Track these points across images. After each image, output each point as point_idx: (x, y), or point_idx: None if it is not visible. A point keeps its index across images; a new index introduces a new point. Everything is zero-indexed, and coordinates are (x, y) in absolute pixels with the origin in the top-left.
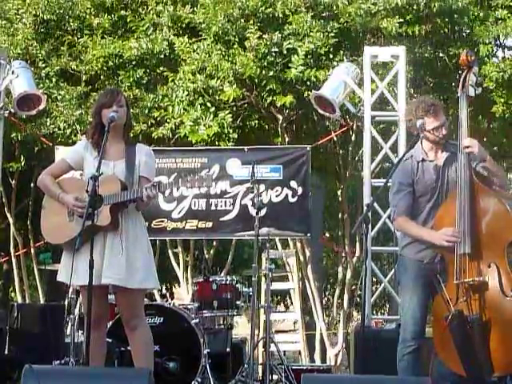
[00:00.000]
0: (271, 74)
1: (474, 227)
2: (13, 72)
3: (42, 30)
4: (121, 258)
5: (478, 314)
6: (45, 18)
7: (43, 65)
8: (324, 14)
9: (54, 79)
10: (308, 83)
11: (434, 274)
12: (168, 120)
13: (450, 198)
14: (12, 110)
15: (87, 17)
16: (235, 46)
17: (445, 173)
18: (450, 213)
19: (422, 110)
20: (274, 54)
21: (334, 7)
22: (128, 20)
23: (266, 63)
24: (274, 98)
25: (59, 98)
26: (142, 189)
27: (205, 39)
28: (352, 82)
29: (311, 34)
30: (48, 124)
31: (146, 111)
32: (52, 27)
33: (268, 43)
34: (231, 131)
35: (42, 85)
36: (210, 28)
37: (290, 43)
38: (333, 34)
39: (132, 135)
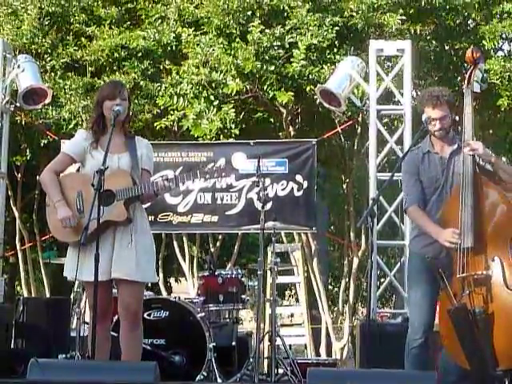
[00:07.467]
0: (272, 68)
1: (477, 221)
2: (19, 66)
3: (47, 22)
4: (130, 251)
5: (482, 308)
6: (50, 10)
7: (48, 58)
8: (325, 8)
9: (59, 72)
10: (310, 77)
11: (437, 270)
12: (172, 112)
13: (455, 192)
14: (18, 104)
15: (94, 8)
16: (237, 40)
17: (450, 166)
18: (454, 208)
19: (426, 99)
20: (275, 47)
21: (336, 0)
22: (137, 9)
23: (267, 57)
24: (275, 93)
25: (66, 87)
26: (159, 180)
27: (207, 33)
28: (358, 76)
29: (311, 28)
30: (53, 114)
31: (152, 100)
32: (57, 19)
33: (270, 37)
34: (233, 127)
35: (47, 78)
36: (212, 21)
37: (292, 37)
38: (336, 29)
39: (136, 126)
